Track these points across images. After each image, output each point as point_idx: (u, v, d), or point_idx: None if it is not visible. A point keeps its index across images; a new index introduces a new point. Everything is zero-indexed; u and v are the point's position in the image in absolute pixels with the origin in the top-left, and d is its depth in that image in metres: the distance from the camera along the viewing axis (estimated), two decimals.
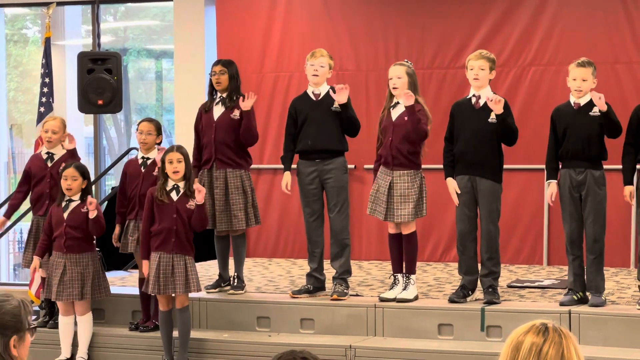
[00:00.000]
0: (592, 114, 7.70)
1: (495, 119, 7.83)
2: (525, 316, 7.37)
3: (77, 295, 8.21)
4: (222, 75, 8.58)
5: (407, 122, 7.95)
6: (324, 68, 8.38)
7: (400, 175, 8.01)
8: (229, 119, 8.56)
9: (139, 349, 8.34)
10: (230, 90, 8.59)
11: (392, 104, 8.08)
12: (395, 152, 8.00)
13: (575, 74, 7.70)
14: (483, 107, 7.90)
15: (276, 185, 11.01)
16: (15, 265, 14.06)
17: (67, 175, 8.23)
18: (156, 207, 7.93)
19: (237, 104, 8.54)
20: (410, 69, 8.06)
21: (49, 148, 8.81)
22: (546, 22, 10.19)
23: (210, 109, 8.65)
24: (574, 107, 7.76)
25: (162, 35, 13.99)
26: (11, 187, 13.38)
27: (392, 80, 8.04)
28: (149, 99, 14.76)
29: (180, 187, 7.92)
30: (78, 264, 8.23)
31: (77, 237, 8.24)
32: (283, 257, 10.98)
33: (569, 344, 2.88)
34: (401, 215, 7.98)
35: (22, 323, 3.31)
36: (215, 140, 8.56)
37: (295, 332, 8.20)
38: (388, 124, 8.06)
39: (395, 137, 8.00)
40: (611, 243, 7.96)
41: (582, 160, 7.71)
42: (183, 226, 7.89)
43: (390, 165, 8.03)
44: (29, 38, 14.35)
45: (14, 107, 14.12)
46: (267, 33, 11.11)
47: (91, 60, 9.96)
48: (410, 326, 7.94)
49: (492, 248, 7.94)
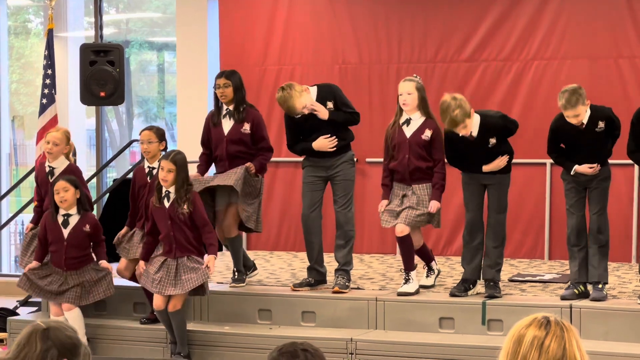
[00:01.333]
0: (597, 130, 7.67)
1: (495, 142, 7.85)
2: (527, 310, 7.34)
3: (76, 301, 8.16)
4: (227, 88, 8.46)
5: (424, 141, 7.97)
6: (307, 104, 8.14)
7: (421, 189, 8.04)
8: (239, 134, 8.48)
9: (142, 340, 8.35)
10: (236, 102, 8.51)
11: (404, 120, 8.07)
12: (413, 168, 8.02)
13: (568, 114, 7.56)
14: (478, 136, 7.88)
15: (278, 178, 11.02)
16: (16, 257, 14.06)
17: (58, 189, 8.11)
18: (154, 213, 7.93)
19: (247, 117, 8.48)
20: (419, 84, 8.06)
21: (50, 161, 8.64)
22: (549, 16, 10.18)
23: (219, 122, 8.55)
24: (579, 126, 7.66)
25: (165, 27, 13.98)
26: (12, 179, 13.38)
27: (402, 96, 8.02)
28: (150, 92, 14.75)
29: (171, 193, 7.89)
30: (78, 277, 8.21)
31: (78, 255, 8.19)
32: (284, 250, 10.98)
33: (570, 337, 2.89)
34: (415, 220, 7.97)
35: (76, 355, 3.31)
36: (227, 155, 8.49)
37: (297, 325, 8.21)
38: (402, 140, 8.05)
39: (412, 155, 8.01)
40: (613, 238, 7.95)
41: (589, 162, 7.71)
42: (180, 231, 7.85)
43: (408, 181, 8.05)
44: (31, 30, 14.34)
45: (16, 99, 14.12)
46: (270, 26, 11.10)
47: (93, 52, 9.96)
48: (412, 320, 7.94)
49: (500, 237, 7.96)
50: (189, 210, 7.81)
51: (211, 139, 8.58)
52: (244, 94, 8.53)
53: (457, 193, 8.48)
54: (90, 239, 8.20)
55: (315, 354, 3.06)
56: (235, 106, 8.49)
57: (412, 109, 8.02)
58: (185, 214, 7.82)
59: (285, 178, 10.94)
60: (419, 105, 8.01)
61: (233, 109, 8.49)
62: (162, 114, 14.25)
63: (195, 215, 7.85)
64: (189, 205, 7.81)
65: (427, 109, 8.04)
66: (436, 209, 7.98)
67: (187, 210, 7.81)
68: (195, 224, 7.86)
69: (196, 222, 7.85)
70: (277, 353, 3.06)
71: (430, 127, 8.00)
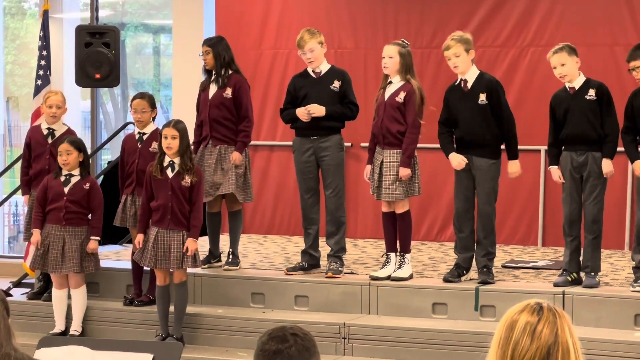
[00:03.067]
0: (587, 97, 7.72)
1: (485, 100, 7.85)
2: (519, 296, 7.38)
3: (77, 267, 8.21)
4: (207, 55, 8.65)
5: (397, 103, 7.97)
6: (315, 51, 8.34)
7: (390, 155, 8.02)
8: (221, 97, 8.59)
9: (134, 323, 8.35)
10: (217, 68, 8.61)
11: (386, 83, 8.09)
12: (385, 131, 8.02)
13: (553, 63, 7.73)
14: (471, 90, 7.90)
15: (272, 162, 11.02)
16: (10, 238, 14.07)
17: (61, 150, 8.23)
18: (153, 183, 7.95)
19: (229, 82, 8.57)
20: (404, 49, 8.04)
21: (50, 123, 8.78)
22: (546, 3, 10.17)
23: (207, 87, 8.70)
24: (570, 92, 7.78)
25: (161, 10, 13.95)
26: (7, 160, 13.37)
27: (384, 59, 8.05)
28: (146, 74, 14.73)
29: (176, 163, 7.91)
30: (77, 237, 8.24)
31: (77, 211, 8.25)
32: (278, 234, 10.99)
33: (563, 323, 2.89)
34: (391, 194, 8.00)
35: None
36: (209, 118, 8.60)
37: (290, 309, 8.22)
38: (380, 102, 8.09)
39: (385, 117, 8.02)
40: (606, 225, 7.96)
41: (582, 144, 7.73)
42: (178, 203, 7.88)
43: (382, 145, 8.05)
44: (26, 11, 14.30)
45: (10, 80, 14.09)
46: (267, 9, 11.08)
47: (89, 33, 9.93)
48: (405, 305, 7.95)
49: (488, 227, 7.95)
50: (195, 180, 7.84)
51: (199, 105, 8.75)
52: (227, 60, 8.63)
53: (452, 178, 8.47)
54: (89, 199, 8.25)
55: (305, 338, 3.06)
56: (216, 71, 8.62)
57: (393, 72, 8.01)
58: (188, 185, 7.84)
59: (280, 162, 10.94)
60: (399, 70, 8.00)
61: (216, 75, 8.61)
62: (158, 97, 14.23)
63: (196, 189, 7.90)
64: (193, 176, 7.84)
65: (408, 74, 8.01)
66: (405, 176, 7.97)
67: (193, 180, 7.84)
68: (192, 198, 7.89)
69: (193, 197, 7.89)
70: (267, 337, 3.05)
71: (405, 90, 7.99)
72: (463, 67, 7.89)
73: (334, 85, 8.34)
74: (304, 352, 3.02)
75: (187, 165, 7.89)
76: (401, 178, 7.96)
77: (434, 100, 8.53)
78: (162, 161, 7.93)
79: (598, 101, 7.72)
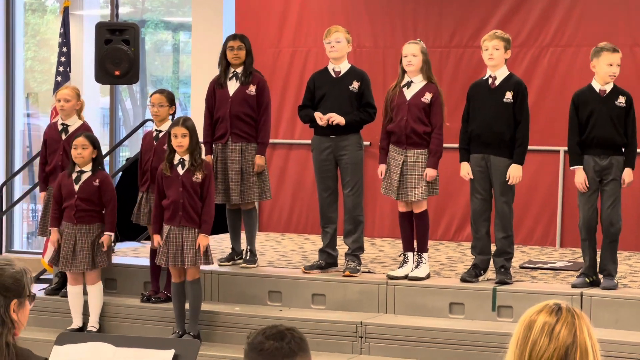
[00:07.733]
0: (617, 103, 7.66)
1: (510, 99, 7.84)
2: (537, 297, 7.37)
3: (88, 266, 8.24)
4: (241, 50, 8.64)
5: (423, 103, 7.97)
6: (341, 43, 8.37)
7: (414, 155, 8.01)
8: (244, 94, 8.59)
9: (151, 320, 8.38)
10: (246, 65, 8.62)
11: (405, 82, 8.08)
12: (410, 131, 8.01)
13: (611, 59, 7.61)
14: (499, 87, 7.89)
15: (291, 160, 11.03)
16: (28, 234, 14.11)
17: (77, 144, 8.26)
18: (164, 180, 7.96)
19: (252, 79, 8.57)
20: (423, 47, 8.08)
21: (64, 118, 8.81)
22: (566, 2, 10.13)
23: (225, 84, 8.66)
24: (600, 94, 7.69)
25: (180, 7, 13.96)
26: (26, 156, 13.41)
27: (407, 57, 8.04)
28: (165, 72, 14.75)
29: (186, 160, 7.91)
30: (89, 235, 8.26)
31: (88, 209, 8.27)
32: (296, 232, 10.99)
33: (581, 324, 2.88)
34: (415, 194, 7.99)
35: (23, 288, 3.33)
36: (230, 114, 8.58)
37: (307, 307, 8.22)
38: (401, 102, 8.06)
39: (410, 117, 8.01)
40: (624, 227, 7.92)
41: (608, 148, 7.68)
42: (190, 199, 7.88)
43: (404, 145, 8.04)
44: (47, 7, 14.34)
45: (30, 77, 14.13)
46: (286, 8, 11.08)
47: (109, 30, 9.96)
48: (422, 304, 7.95)
49: (506, 227, 7.93)
50: (205, 174, 7.87)
51: (215, 101, 8.66)
52: (252, 59, 8.68)
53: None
54: (100, 194, 8.26)
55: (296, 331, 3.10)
56: (244, 69, 8.62)
57: (416, 70, 8.02)
58: (199, 181, 7.85)
59: (299, 160, 10.94)
60: (422, 68, 8.02)
61: (241, 72, 8.62)
62: (177, 94, 14.24)
63: (207, 184, 7.90)
64: (203, 171, 7.86)
65: (429, 73, 8.05)
66: (432, 177, 7.97)
67: (204, 174, 7.86)
68: (203, 194, 7.90)
69: (204, 192, 7.91)
70: (262, 337, 3.05)
71: (430, 91, 8.01)
72: (497, 62, 7.90)
73: (353, 85, 8.35)
74: (302, 344, 3.06)
75: (198, 162, 7.90)
76: (426, 178, 7.96)
77: (452, 99, 8.53)
78: (172, 159, 7.94)
79: (626, 109, 7.68)
